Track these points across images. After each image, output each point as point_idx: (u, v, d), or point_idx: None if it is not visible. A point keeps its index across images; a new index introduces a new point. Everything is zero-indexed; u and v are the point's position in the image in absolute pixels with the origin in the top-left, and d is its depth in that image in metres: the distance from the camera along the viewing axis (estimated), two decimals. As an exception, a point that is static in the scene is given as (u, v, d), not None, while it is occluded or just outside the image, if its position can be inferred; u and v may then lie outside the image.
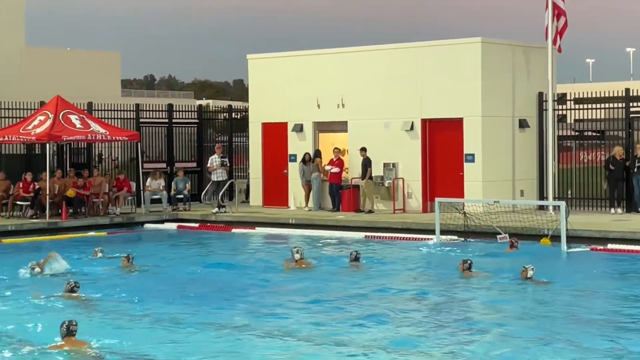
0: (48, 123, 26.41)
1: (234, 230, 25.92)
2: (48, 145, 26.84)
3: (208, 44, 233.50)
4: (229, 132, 33.60)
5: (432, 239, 22.37)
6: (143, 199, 28.49)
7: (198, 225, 27.04)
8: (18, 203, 27.19)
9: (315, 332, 12.96)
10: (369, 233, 24.21)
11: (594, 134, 30.10)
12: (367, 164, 27.05)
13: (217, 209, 27.71)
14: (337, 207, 27.58)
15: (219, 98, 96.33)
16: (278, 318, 13.84)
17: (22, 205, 27.21)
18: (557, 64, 26.84)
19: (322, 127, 29.19)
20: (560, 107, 27.49)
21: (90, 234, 25.33)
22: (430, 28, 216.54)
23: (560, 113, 27.65)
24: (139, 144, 28.92)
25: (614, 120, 27.39)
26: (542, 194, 27.16)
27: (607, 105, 27.51)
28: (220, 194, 28.06)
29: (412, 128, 27.06)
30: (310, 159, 28.41)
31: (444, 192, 25.76)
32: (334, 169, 27.71)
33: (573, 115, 28.13)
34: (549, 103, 26.30)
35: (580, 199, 27.27)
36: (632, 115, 26.73)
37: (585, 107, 27.53)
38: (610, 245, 20.97)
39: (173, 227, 27.14)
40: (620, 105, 26.91)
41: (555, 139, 26.85)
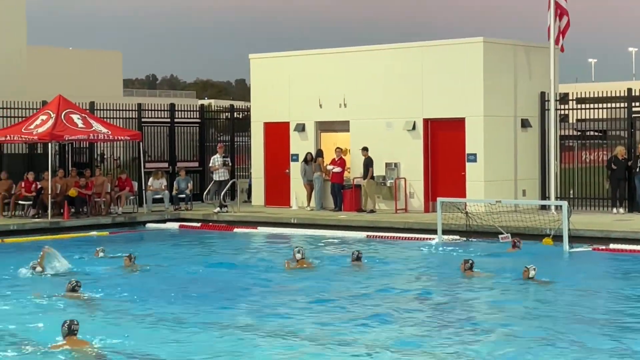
0: (50, 122, 26.42)
1: (236, 230, 25.92)
2: (50, 145, 26.85)
3: (210, 44, 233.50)
4: (231, 131, 33.60)
5: (434, 239, 22.36)
6: (145, 199, 28.50)
7: (200, 225, 27.04)
8: (20, 202, 27.19)
9: (319, 331, 12.95)
10: (371, 233, 24.20)
11: (596, 134, 30.08)
12: (368, 164, 27.04)
13: (219, 209, 27.71)
14: (339, 206, 27.57)
15: (221, 98, 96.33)
16: (281, 318, 13.82)
17: (24, 205, 27.21)
18: (559, 64, 26.82)
19: (324, 126, 29.18)
20: (563, 106, 27.47)
21: (92, 234, 25.34)
22: (430, 28, 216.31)
23: (563, 113, 27.62)
24: (141, 144, 28.91)
25: (616, 120, 27.36)
26: (544, 194, 27.15)
27: (609, 105, 27.47)
28: (222, 194, 28.05)
29: (414, 128, 27.05)
30: (312, 159, 28.40)
31: (446, 191, 25.75)
32: (336, 169, 27.70)
33: (575, 115, 28.12)
34: (551, 103, 26.27)
35: (583, 199, 27.25)
36: (634, 115, 26.71)
37: (588, 106, 27.51)
38: (612, 245, 20.95)
39: (175, 226, 27.14)
40: (623, 105, 26.89)
41: (558, 139, 26.82)
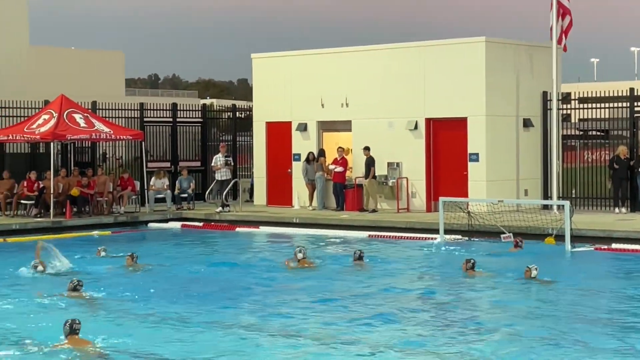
0: (52, 122, 26.43)
1: (238, 230, 25.93)
2: (52, 144, 26.86)
3: (212, 44, 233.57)
4: (233, 131, 33.60)
5: (436, 239, 22.35)
6: (147, 198, 28.51)
7: (202, 225, 27.04)
8: (22, 202, 27.19)
9: (322, 331, 12.95)
10: (373, 232, 24.19)
11: (598, 134, 30.08)
12: (370, 163, 27.04)
13: (221, 208, 27.72)
14: (341, 206, 27.56)
15: (223, 97, 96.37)
16: (283, 317, 13.82)
17: (26, 204, 27.21)
18: (561, 63, 26.81)
19: (326, 126, 29.18)
20: (565, 106, 27.45)
21: (94, 233, 25.35)
22: (430, 28, 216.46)
23: (565, 112, 27.60)
24: (143, 143, 28.91)
25: (618, 120, 27.35)
26: (546, 194, 27.13)
27: (611, 105, 27.46)
28: (224, 193, 28.06)
29: (416, 127, 27.04)
30: (314, 158, 28.39)
31: (448, 191, 25.74)
32: (338, 168, 27.69)
33: (577, 115, 28.10)
34: (554, 102, 26.26)
35: (585, 199, 27.24)
36: (636, 115, 26.69)
37: (590, 106, 27.50)
38: (615, 245, 20.94)
39: (177, 226, 27.15)
40: (625, 105, 26.88)
41: (560, 139, 26.81)
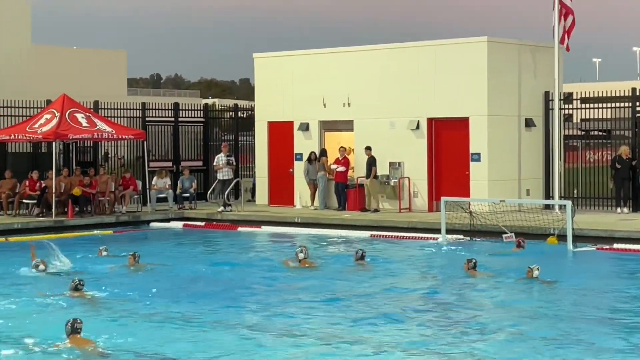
0: (54, 121, 26.44)
1: (240, 229, 25.94)
2: (54, 144, 26.86)
3: (214, 43, 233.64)
4: (235, 131, 33.59)
5: (437, 238, 22.36)
6: (149, 198, 28.53)
7: (204, 224, 27.05)
8: (24, 201, 27.20)
9: (325, 331, 12.94)
10: (375, 232, 24.19)
11: (600, 134, 30.07)
12: (371, 163, 27.04)
13: (222, 208, 27.73)
14: (342, 206, 27.56)
15: (225, 97, 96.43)
16: (286, 317, 13.82)
17: (28, 204, 27.22)
18: (563, 63, 26.81)
19: (327, 126, 29.18)
20: (567, 106, 27.44)
21: (96, 233, 25.36)
22: (430, 28, 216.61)
23: (567, 112, 27.60)
24: (145, 143, 28.91)
25: (621, 120, 27.34)
26: (548, 193, 27.12)
27: (613, 105, 27.46)
28: (226, 193, 28.07)
29: (417, 127, 27.04)
30: (316, 158, 28.39)
31: (450, 191, 25.72)
32: (340, 168, 27.69)
33: (579, 115, 28.09)
34: (555, 102, 26.26)
35: (587, 199, 27.22)
36: (638, 115, 26.63)
37: (592, 106, 27.49)
38: (617, 245, 20.94)
39: (179, 225, 27.16)
40: (627, 105, 26.86)
41: (562, 138, 26.82)
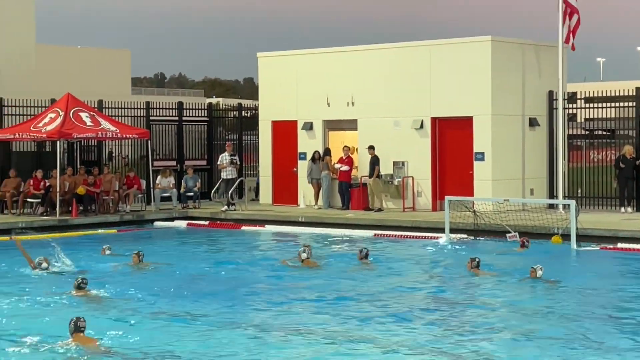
0: (59, 120, 26.47)
1: (244, 228, 25.97)
2: (59, 143, 26.89)
3: (218, 42, 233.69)
4: (239, 130, 33.61)
5: (441, 238, 22.35)
6: (153, 197, 28.55)
7: (208, 223, 27.07)
8: (28, 200, 27.23)
9: (330, 330, 12.93)
10: (379, 231, 24.20)
11: (604, 133, 30.04)
12: (374, 162, 27.04)
13: (226, 207, 27.75)
14: (346, 205, 27.57)
15: (229, 96, 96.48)
16: (291, 316, 13.84)
17: (32, 203, 27.25)
18: (567, 63, 26.79)
19: (331, 125, 29.19)
20: (571, 105, 27.43)
21: (100, 232, 25.39)
22: (431, 28, 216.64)
23: (571, 112, 27.59)
24: (149, 142, 28.94)
25: (625, 119, 27.31)
26: (552, 193, 27.12)
27: (617, 104, 27.44)
28: (230, 192, 28.08)
29: (421, 126, 27.04)
30: (320, 157, 28.40)
31: (454, 190, 25.72)
32: (344, 167, 27.70)
33: (583, 114, 28.09)
34: (559, 102, 26.24)
35: (590, 198, 27.20)
36: (642, 114, 26.68)
37: (596, 106, 27.49)
38: (620, 244, 20.94)
39: (183, 224, 27.18)
40: (631, 104, 26.84)
41: (566, 138, 26.79)
